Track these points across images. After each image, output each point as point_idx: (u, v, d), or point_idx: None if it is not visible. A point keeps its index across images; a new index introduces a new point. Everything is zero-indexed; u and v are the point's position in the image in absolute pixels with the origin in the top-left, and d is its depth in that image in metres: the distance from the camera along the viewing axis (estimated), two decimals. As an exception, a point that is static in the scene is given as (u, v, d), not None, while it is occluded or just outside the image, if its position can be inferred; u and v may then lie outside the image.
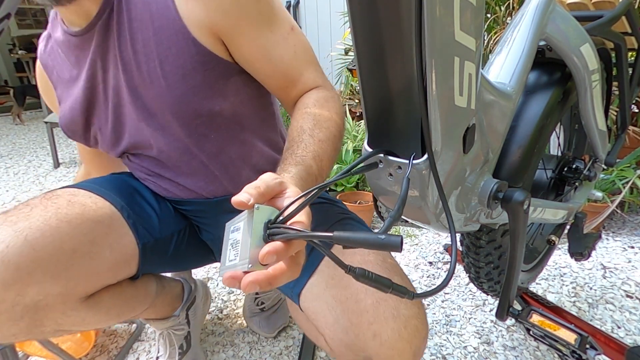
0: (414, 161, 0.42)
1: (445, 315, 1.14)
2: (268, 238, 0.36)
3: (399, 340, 0.54)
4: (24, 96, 4.58)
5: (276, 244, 0.35)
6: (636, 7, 1.31)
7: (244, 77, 0.69)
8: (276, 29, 0.66)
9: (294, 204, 0.38)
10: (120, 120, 0.71)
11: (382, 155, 0.43)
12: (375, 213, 1.63)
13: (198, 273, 1.42)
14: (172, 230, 0.78)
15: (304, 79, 0.68)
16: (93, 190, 0.68)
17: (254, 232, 0.36)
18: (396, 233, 1.62)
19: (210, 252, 0.86)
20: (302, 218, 0.38)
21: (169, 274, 0.99)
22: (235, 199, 0.36)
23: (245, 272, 0.36)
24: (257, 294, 1.10)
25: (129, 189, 0.75)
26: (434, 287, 0.37)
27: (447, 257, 1.42)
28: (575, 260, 0.91)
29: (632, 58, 0.88)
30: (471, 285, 1.18)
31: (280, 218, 0.38)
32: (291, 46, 0.68)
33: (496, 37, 1.66)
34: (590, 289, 1.23)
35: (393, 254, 1.48)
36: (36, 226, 0.56)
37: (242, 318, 1.16)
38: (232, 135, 0.72)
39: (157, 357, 0.96)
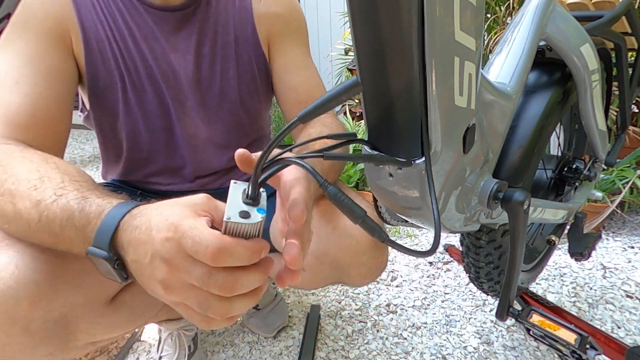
0: (415, 161, 0.41)
1: (445, 315, 1.14)
2: (247, 195, 0.36)
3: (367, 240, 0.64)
4: None
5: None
6: (636, 7, 1.31)
7: (271, 90, 0.82)
8: (308, 52, 0.82)
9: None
10: (171, 103, 0.74)
11: (382, 155, 0.43)
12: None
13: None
14: None
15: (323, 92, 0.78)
16: None
17: (234, 195, 0.37)
18: (396, 233, 1.62)
19: None
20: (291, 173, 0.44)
21: None
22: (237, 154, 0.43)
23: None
24: None
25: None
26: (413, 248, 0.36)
27: (447, 257, 1.42)
28: (575, 260, 0.91)
29: (632, 58, 0.88)
30: (471, 285, 1.18)
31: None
32: (316, 70, 0.81)
33: (496, 37, 1.66)
34: (590, 289, 1.23)
35: (395, 255, 1.48)
36: (26, 249, 0.53)
37: (242, 318, 1.16)
38: (260, 141, 0.86)
39: (160, 357, 0.96)
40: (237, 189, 0.37)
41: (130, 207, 0.42)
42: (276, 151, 0.37)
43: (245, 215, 0.35)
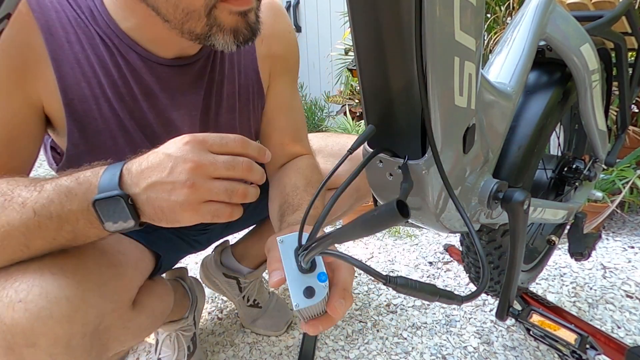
0: (415, 161, 0.42)
1: (445, 315, 1.14)
2: (302, 266, 0.40)
3: None
4: None
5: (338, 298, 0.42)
6: (636, 7, 1.31)
7: None
8: (297, 88, 0.80)
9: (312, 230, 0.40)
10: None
11: (382, 155, 0.43)
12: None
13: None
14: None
15: (306, 142, 0.80)
16: None
17: (289, 267, 0.40)
18: (396, 233, 1.62)
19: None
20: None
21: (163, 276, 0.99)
22: (275, 282, 0.44)
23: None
24: (240, 290, 1.08)
25: None
26: (476, 289, 0.36)
27: (447, 257, 1.42)
28: (575, 260, 0.91)
29: (632, 58, 0.88)
30: (471, 285, 1.18)
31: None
32: (301, 108, 0.81)
33: (496, 37, 1.66)
34: (590, 289, 1.23)
35: (395, 255, 1.48)
36: (48, 259, 0.51)
37: (246, 323, 1.16)
38: None
39: (159, 359, 0.96)
40: (287, 254, 0.41)
41: (125, 161, 0.45)
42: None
43: (310, 293, 0.39)
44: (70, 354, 0.50)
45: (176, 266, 0.94)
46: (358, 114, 2.53)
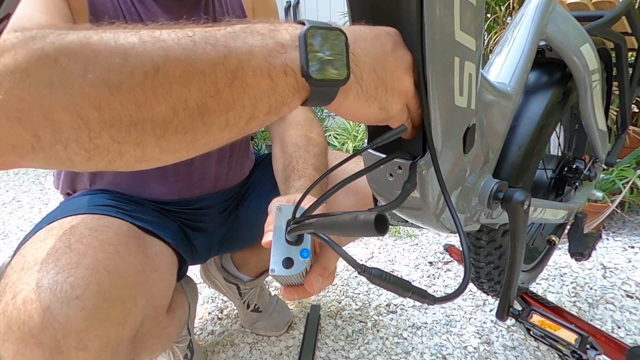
0: (415, 161, 0.41)
1: (446, 316, 1.14)
2: (288, 237, 0.40)
3: None
4: None
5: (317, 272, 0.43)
6: (636, 7, 1.31)
7: None
8: None
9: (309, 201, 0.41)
10: None
11: (383, 156, 0.43)
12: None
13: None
14: (175, 227, 0.77)
15: None
16: (87, 212, 0.61)
17: (277, 234, 0.41)
18: (396, 233, 1.62)
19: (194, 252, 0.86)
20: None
21: None
22: (265, 242, 0.42)
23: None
24: (240, 295, 1.08)
25: (112, 202, 0.69)
26: (452, 291, 0.37)
27: (447, 257, 1.42)
28: (576, 260, 0.91)
29: (632, 58, 0.88)
30: (471, 285, 1.18)
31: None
32: None
33: (496, 37, 1.66)
34: (591, 289, 1.23)
35: (395, 255, 1.48)
36: (102, 257, 0.49)
37: (246, 325, 1.16)
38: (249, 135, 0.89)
39: None
40: (281, 221, 0.41)
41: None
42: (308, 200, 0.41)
43: (288, 264, 0.40)
44: None
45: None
46: (358, 114, 2.53)
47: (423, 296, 0.34)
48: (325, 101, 0.32)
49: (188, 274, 1.34)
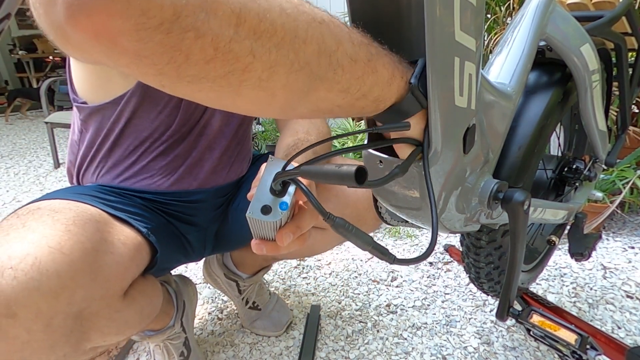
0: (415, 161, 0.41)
1: (446, 316, 1.14)
2: (273, 188, 0.43)
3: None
4: (14, 98, 4.80)
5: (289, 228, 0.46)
6: (636, 7, 1.31)
7: None
8: None
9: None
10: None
11: (382, 155, 0.43)
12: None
13: (178, 270, 1.42)
14: (160, 221, 0.77)
15: None
16: (62, 198, 0.63)
17: (264, 184, 0.44)
18: (396, 233, 1.62)
19: (188, 248, 0.86)
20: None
21: None
22: (250, 195, 0.46)
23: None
24: (240, 292, 1.09)
25: (95, 193, 0.71)
26: (415, 256, 0.38)
27: (447, 257, 1.42)
28: (576, 260, 0.91)
29: (632, 58, 0.88)
30: (471, 285, 1.18)
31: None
32: None
33: (496, 38, 1.66)
34: (591, 289, 1.23)
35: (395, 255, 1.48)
36: (50, 233, 0.51)
37: (245, 324, 1.16)
38: (250, 131, 0.90)
39: None
40: (269, 172, 0.44)
41: None
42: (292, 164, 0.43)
43: (266, 211, 0.42)
44: (49, 333, 0.49)
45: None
46: (358, 114, 2.53)
47: (383, 253, 0.37)
48: (404, 114, 0.38)
49: (188, 275, 1.35)
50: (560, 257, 1.40)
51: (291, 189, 0.44)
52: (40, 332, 0.48)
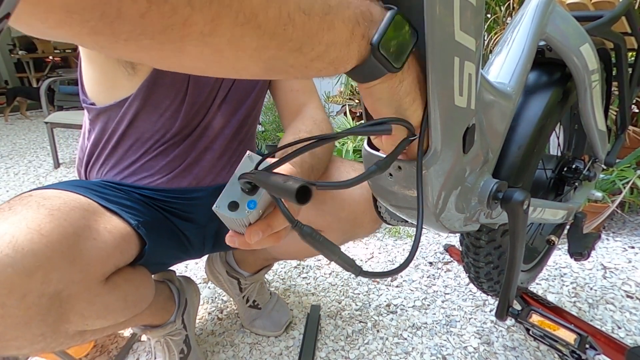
0: (414, 161, 0.41)
1: (446, 316, 1.14)
2: (240, 183, 0.42)
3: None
4: (14, 98, 4.82)
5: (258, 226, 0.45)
6: (636, 7, 1.31)
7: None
8: None
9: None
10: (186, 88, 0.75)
11: (380, 155, 0.43)
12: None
13: (179, 270, 1.42)
14: (157, 217, 0.78)
15: (315, 94, 0.88)
16: (57, 188, 0.66)
17: (235, 179, 0.43)
18: (396, 233, 1.62)
19: (187, 245, 0.86)
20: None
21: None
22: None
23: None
24: (241, 290, 1.09)
25: (94, 186, 0.73)
26: (385, 270, 0.38)
27: (447, 257, 1.42)
28: (575, 260, 0.91)
29: (632, 58, 0.88)
30: (471, 285, 1.18)
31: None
32: None
33: (496, 37, 1.66)
34: (591, 289, 1.23)
35: (395, 255, 1.48)
36: (31, 216, 0.53)
37: (245, 323, 1.16)
38: (253, 131, 0.91)
39: None
40: (242, 169, 0.43)
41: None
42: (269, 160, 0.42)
43: (233, 207, 0.42)
44: (23, 309, 0.50)
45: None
46: (358, 114, 2.53)
47: (350, 265, 0.36)
48: (369, 76, 0.35)
49: (189, 274, 1.35)
50: (560, 257, 1.40)
51: (260, 189, 0.43)
52: (13, 307, 0.50)
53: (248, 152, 0.45)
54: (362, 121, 0.40)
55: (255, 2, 0.26)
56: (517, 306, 0.84)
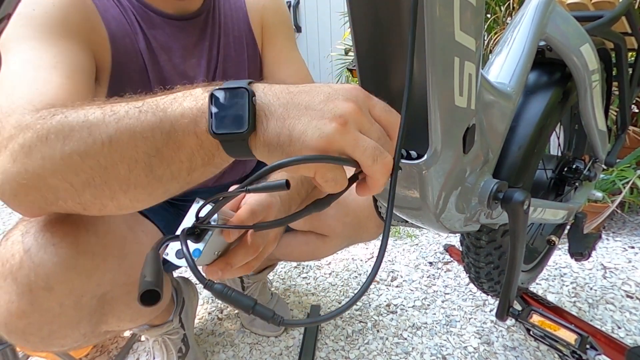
0: (414, 161, 0.42)
1: (446, 316, 1.14)
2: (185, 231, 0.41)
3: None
4: None
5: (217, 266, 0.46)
6: (636, 7, 1.31)
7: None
8: (295, 46, 0.85)
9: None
10: None
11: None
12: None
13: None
14: (170, 217, 0.78)
15: None
16: None
17: (186, 223, 0.43)
18: (396, 233, 1.62)
19: None
20: (241, 211, 0.47)
21: None
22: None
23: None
24: (243, 289, 1.09)
25: None
26: (311, 319, 0.37)
27: (447, 257, 1.42)
28: (576, 260, 0.91)
29: (632, 58, 0.88)
30: (471, 285, 1.18)
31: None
32: (303, 63, 0.85)
33: (496, 38, 1.66)
34: (591, 289, 1.23)
35: (395, 255, 1.48)
36: (85, 218, 0.52)
37: (244, 322, 1.16)
38: None
39: None
40: (193, 211, 0.42)
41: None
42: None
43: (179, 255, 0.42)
44: (77, 309, 0.52)
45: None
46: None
47: (267, 316, 0.34)
48: (243, 149, 0.34)
49: (186, 276, 1.35)
50: (560, 257, 1.40)
51: (207, 235, 0.42)
52: (70, 307, 0.51)
53: (197, 198, 0.43)
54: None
55: (121, 174, 0.35)
56: (517, 306, 0.84)
